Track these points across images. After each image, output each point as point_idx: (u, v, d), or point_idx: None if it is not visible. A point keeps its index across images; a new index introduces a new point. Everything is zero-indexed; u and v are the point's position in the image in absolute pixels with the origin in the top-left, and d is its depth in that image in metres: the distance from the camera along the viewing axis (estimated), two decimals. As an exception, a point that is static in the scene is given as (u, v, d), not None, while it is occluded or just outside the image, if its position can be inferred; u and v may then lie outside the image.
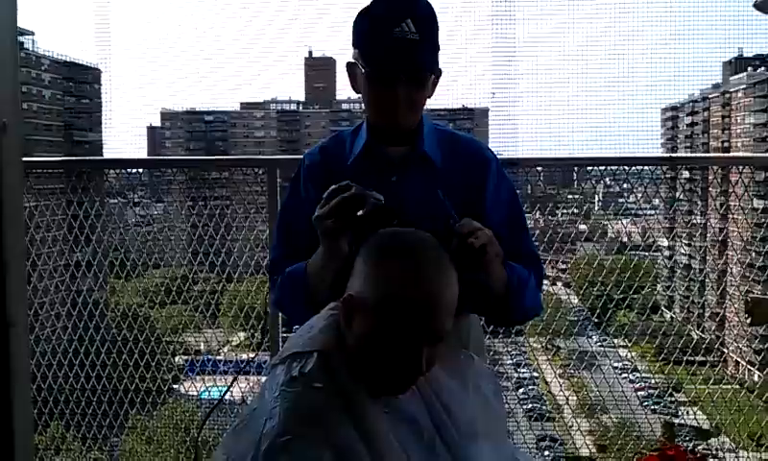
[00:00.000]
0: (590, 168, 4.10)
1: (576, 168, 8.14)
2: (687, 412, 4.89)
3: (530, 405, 9.54)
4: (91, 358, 4.24)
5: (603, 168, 3.88)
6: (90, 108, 20.22)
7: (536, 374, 10.87)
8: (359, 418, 1.58)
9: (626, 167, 3.97)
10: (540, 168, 3.93)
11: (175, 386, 5.53)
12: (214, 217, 4.37)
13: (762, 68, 16.62)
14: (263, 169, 3.72)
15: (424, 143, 2.08)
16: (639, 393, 7.61)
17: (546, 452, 4.85)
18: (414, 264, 1.60)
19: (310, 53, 22.41)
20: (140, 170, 4.99)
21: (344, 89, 22.02)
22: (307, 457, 1.52)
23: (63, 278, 4.48)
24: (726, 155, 10.62)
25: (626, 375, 7.62)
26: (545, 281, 2.41)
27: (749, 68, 16.60)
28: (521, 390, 10.28)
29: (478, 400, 1.77)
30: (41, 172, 4.35)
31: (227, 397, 4.59)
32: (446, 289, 1.60)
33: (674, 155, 10.51)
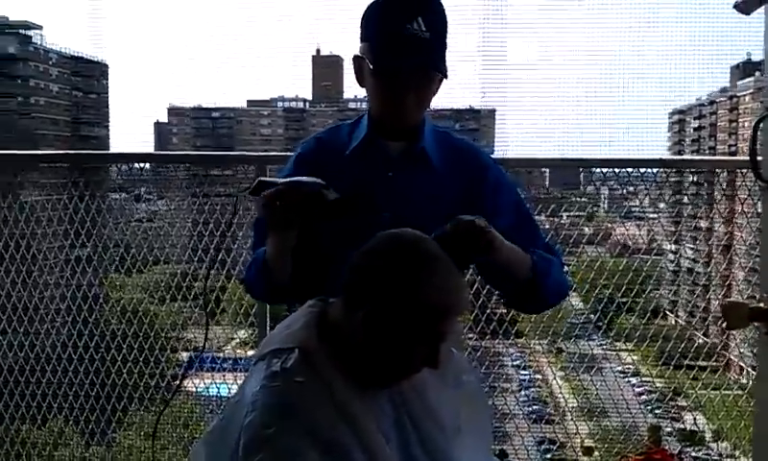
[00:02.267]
0: (596, 170, 4.07)
1: (582, 170, 8.08)
2: (694, 418, 4.87)
3: (531, 408, 9.52)
4: (91, 353, 4.24)
5: (608, 170, 3.85)
6: (97, 103, 20.25)
7: (538, 376, 10.85)
8: (343, 413, 1.58)
9: (629, 170, 3.93)
10: (546, 169, 3.90)
11: (176, 382, 5.52)
12: (215, 214, 4.36)
13: (771, 73, 16.54)
14: (252, 166, 3.72)
15: (424, 141, 2.06)
16: (641, 397, 7.58)
17: (548, 455, 4.83)
18: (443, 273, 1.63)
19: (318, 51, 22.39)
20: (144, 165, 4.97)
21: (351, 88, 21.98)
22: (289, 450, 1.51)
23: (64, 272, 4.47)
24: (732, 158, 10.56)
25: (628, 378, 7.59)
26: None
27: (756, 73, 16.53)
28: (523, 392, 10.26)
29: (459, 392, 1.77)
30: (46, 166, 4.35)
31: (224, 394, 4.59)
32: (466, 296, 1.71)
33: (679, 157, 10.46)
